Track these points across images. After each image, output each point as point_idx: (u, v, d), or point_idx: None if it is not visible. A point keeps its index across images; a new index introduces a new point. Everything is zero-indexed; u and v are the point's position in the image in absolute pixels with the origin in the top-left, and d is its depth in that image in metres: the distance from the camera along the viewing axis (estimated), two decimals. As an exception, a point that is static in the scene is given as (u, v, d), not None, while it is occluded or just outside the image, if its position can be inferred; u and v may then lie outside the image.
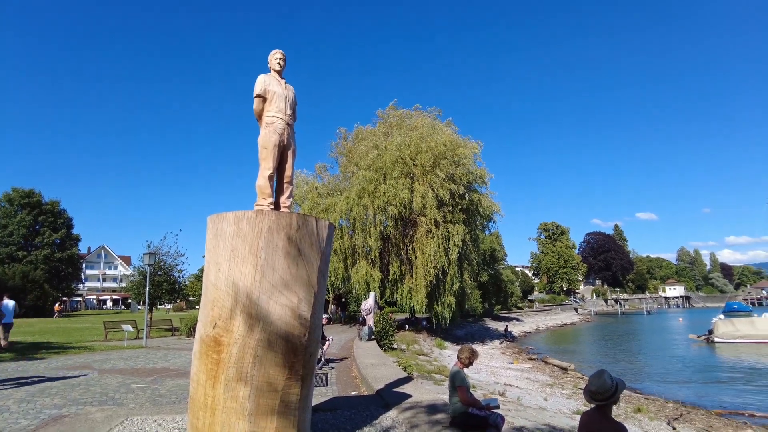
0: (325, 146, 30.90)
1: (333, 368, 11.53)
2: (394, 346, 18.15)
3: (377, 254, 25.90)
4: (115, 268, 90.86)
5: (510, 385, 14.99)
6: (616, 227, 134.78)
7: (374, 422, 5.82)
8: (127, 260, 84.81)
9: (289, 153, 5.04)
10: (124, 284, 69.09)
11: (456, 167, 25.68)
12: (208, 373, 4.30)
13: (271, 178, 4.86)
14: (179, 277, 25.86)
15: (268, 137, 4.85)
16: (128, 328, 19.81)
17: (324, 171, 31.26)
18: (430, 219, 24.50)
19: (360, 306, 19.94)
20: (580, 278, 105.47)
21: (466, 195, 26.35)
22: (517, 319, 55.00)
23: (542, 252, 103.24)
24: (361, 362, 11.18)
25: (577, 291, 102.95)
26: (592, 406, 3.47)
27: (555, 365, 22.62)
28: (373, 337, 16.66)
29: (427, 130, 26.36)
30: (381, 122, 29.68)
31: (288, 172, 5.08)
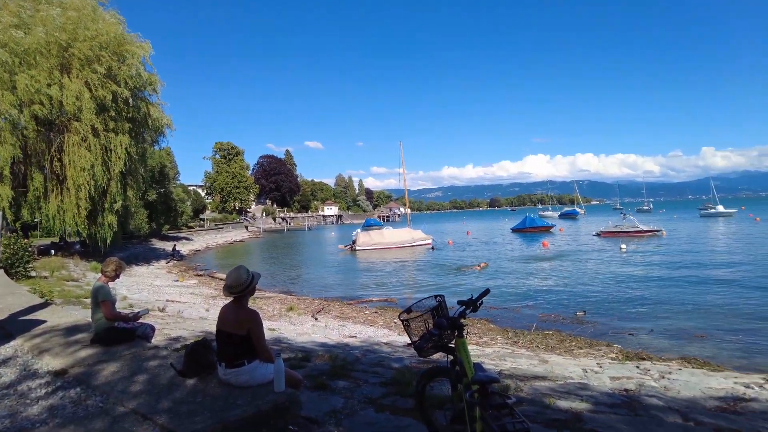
0: None
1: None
2: (33, 274, 15.21)
3: (9, 165, 20.09)
4: None
5: (172, 301, 14.94)
6: (287, 152, 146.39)
7: (-12, 357, 4.86)
8: None
9: None
10: None
11: (121, 67, 22.03)
12: None
13: None
14: None
15: None
16: None
17: None
18: (87, 125, 20.55)
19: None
20: (253, 198, 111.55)
21: (133, 102, 23.07)
22: (187, 238, 54.11)
23: (217, 172, 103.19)
24: (-22, 295, 8.93)
25: (248, 210, 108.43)
26: (230, 299, 3.76)
27: (221, 279, 23.67)
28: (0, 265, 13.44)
29: (89, 13, 21.32)
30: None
31: None
